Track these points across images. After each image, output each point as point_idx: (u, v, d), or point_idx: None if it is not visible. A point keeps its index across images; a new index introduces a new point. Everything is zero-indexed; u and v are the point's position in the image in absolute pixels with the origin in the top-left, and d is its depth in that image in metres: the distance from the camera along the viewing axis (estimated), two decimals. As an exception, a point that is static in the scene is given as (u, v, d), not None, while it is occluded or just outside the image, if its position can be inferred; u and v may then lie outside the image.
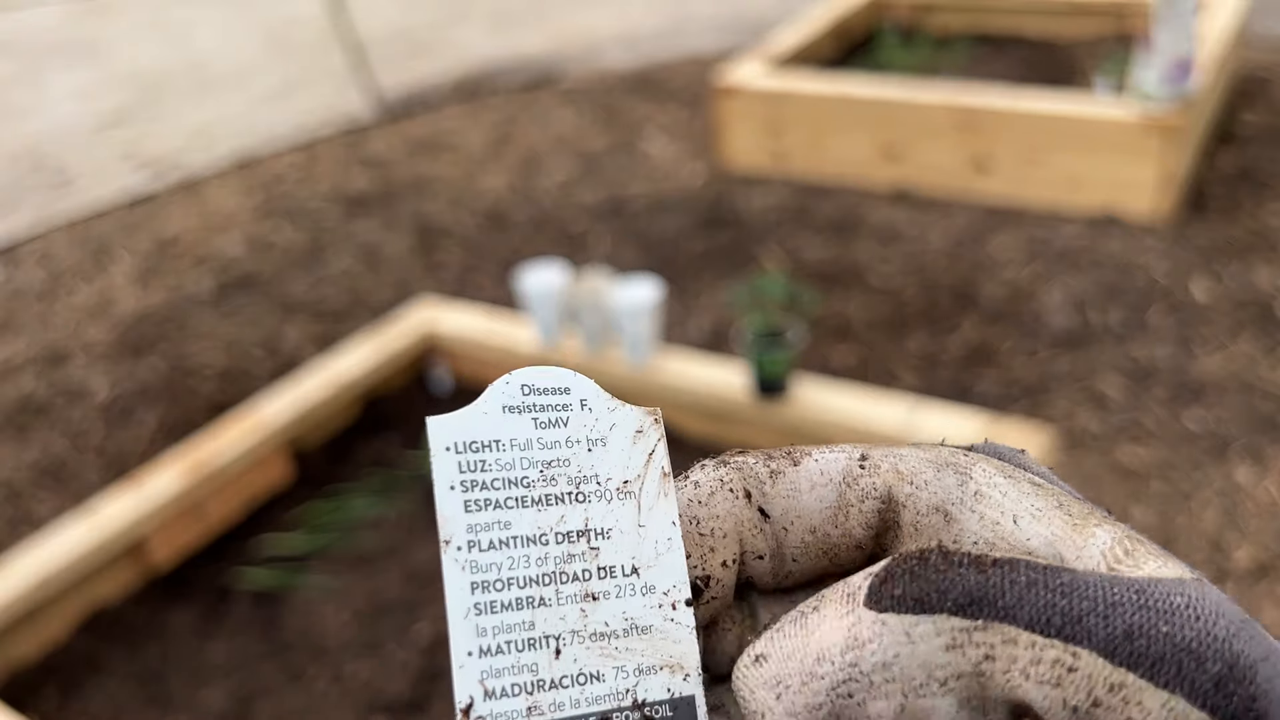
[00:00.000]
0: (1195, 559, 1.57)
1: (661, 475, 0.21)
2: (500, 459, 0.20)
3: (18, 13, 6.01)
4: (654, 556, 0.20)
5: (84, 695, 1.41)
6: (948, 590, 0.17)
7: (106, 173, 3.56)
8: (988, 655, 0.17)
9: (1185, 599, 0.17)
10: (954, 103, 2.61)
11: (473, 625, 0.19)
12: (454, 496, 0.19)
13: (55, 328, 2.49)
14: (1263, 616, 1.45)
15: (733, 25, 4.54)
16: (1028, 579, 0.17)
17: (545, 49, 4.45)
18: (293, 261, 2.70)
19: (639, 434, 0.21)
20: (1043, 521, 0.19)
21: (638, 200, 2.86)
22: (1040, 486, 0.20)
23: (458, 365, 1.95)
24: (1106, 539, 0.18)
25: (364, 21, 5.19)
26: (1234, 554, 1.57)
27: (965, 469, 0.20)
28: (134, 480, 1.60)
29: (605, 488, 0.21)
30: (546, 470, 0.20)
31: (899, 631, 0.17)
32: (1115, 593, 0.17)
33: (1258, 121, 2.95)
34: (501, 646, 0.19)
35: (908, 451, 0.21)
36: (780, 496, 0.21)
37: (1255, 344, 2.02)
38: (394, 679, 1.34)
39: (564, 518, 0.20)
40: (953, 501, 0.20)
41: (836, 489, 0.21)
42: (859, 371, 2.07)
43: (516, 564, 0.19)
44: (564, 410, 0.21)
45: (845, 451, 0.21)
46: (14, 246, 3.01)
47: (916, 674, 0.17)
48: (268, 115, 3.96)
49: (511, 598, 0.19)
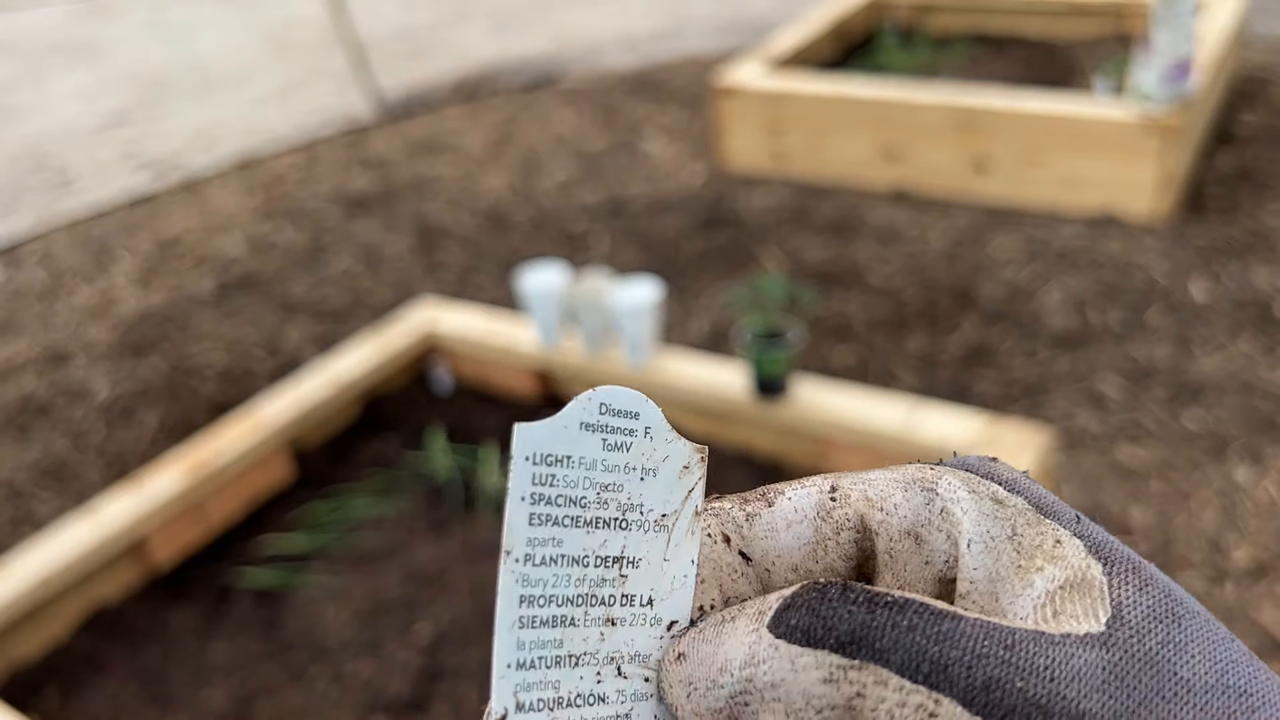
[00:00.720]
0: (1194, 559, 1.57)
1: (694, 514, 0.22)
2: (568, 476, 0.20)
3: (19, 13, 6.01)
4: (669, 590, 0.21)
5: (85, 694, 1.42)
6: (834, 627, 0.19)
7: (107, 173, 3.56)
8: (859, 693, 0.18)
9: (1049, 659, 0.18)
10: (953, 103, 2.61)
11: (515, 638, 0.19)
12: (522, 508, 0.20)
13: (56, 328, 2.50)
14: (1262, 616, 1.46)
15: (732, 26, 4.55)
16: (909, 623, 0.18)
17: (545, 50, 4.45)
18: (293, 262, 2.70)
19: (685, 470, 0.22)
20: (991, 553, 0.20)
21: (638, 201, 2.87)
22: (1001, 505, 0.21)
23: (458, 365, 1.95)
24: (1043, 587, 0.20)
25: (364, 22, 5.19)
26: (1233, 554, 1.57)
27: (931, 484, 0.21)
28: (135, 480, 1.61)
29: (646, 518, 0.21)
30: (603, 493, 0.21)
31: (786, 659, 0.19)
32: (985, 645, 0.18)
33: (1257, 122, 2.96)
34: (534, 661, 0.20)
35: (875, 475, 0.22)
36: (759, 538, 0.22)
37: (1254, 344, 2.02)
38: (394, 678, 1.34)
39: (606, 542, 0.21)
40: (922, 523, 0.21)
41: (812, 525, 0.22)
42: (859, 372, 2.08)
43: (559, 582, 0.20)
44: (630, 435, 0.21)
45: (816, 485, 0.22)
46: (15, 246, 3.01)
47: (797, 699, 0.18)
48: (268, 116, 3.96)
49: (549, 615, 0.20)
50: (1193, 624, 0.19)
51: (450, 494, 1.70)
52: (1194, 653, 0.19)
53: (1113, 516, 1.67)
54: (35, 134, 4.01)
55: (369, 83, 4.09)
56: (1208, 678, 0.18)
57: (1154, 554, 1.59)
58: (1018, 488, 0.21)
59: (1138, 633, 0.19)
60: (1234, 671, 0.19)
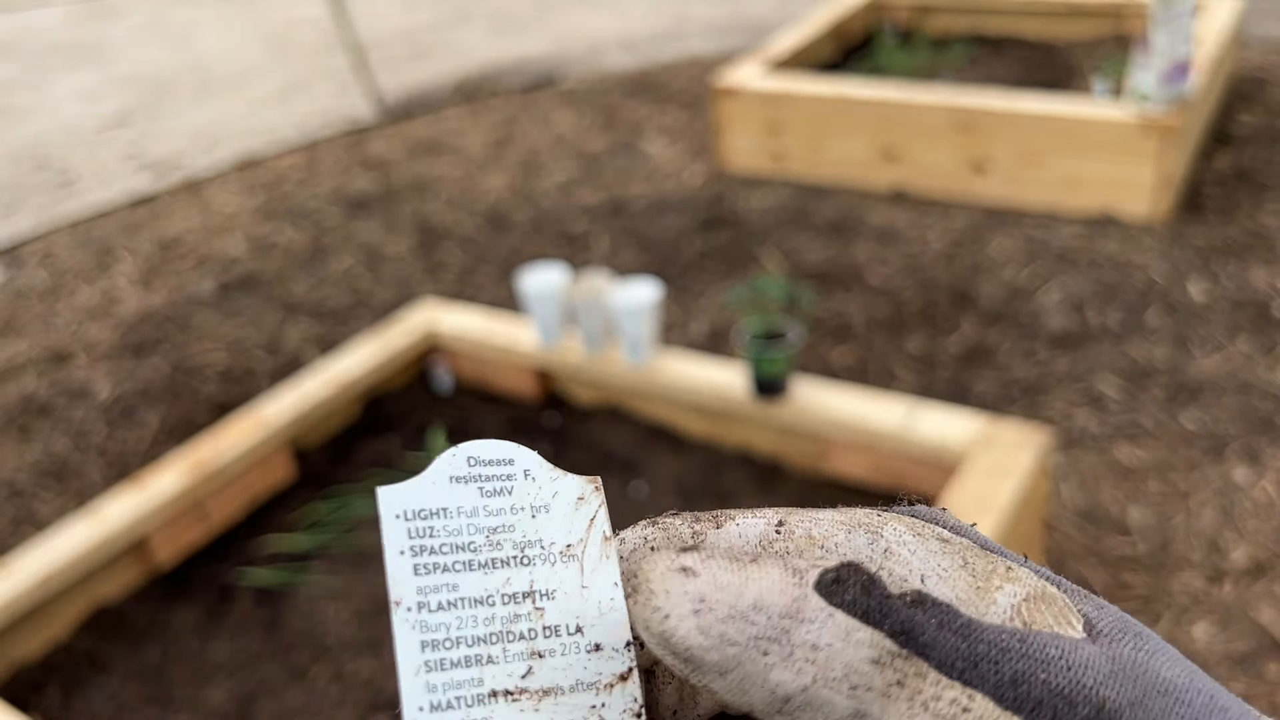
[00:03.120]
0: (1193, 558, 1.58)
1: (603, 539, 0.22)
2: (447, 525, 0.21)
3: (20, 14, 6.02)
4: (598, 616, 0.21)
5: (86, 694, 1.42)
6: (888, 614, 0.19)
7: (108, 173, 3.57)
8: (899, 682, 0.18)
9: (1059, 650, 0.19)
10: (952, 104, 2.62)
11: (423, 682, 0.20)
12: (404, 561, 0.20)
13: (57, 328, 2.50)
14: (1260, 615, 1.47)
15: (732, 27, 4.55)
16: (942, 620, 0.19)
17: (545, 51, 4.46)
18: (294, 262, 2.71)
19: (581, 501, 0.22)
20: (948, 583, 0.20)
21: (638, 201, 2.87)
22: (947, 543, 0.21)
23: (458, 365, 1.96)
24: (1007, 603, 0.20)
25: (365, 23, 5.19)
26: (1231, 554, 1.58)
27: (876, 528, 0.21)
28: (136, 480, 1.61)
29: (549, 551, 0.22)
30: (493, 535, 0.21)
31: (841, 629, 0.19)
32: (1005, 641, 0.19)
33: (1254, 123, 2.96)
34: (452, 702, 0.20)
35: (824, 515, 0.22)
36: None
37: (1252, 344, 2.03)
38: (394, 678, 1.34)
39: (509, 580, 0.21)
40: (863, 560, 0.21)
41: (751, 553, 0.22)
42: (858, 372, 2.08)
43: (464, 623, 0.20)
44: (509, 480, 0.22)
45: (766, 517, 0.22)
46: (16, 247, 3.02)
47: (836, 669, 0.18)
48: (269, 116, 3.97)
49: (460, 655, 0.20)
50: (1152, 637, 0.20)
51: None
52: (1164, 659, 0.20)
53: (1111, 516, 1.67)
54: (37, 134, 4.02)
55: (369, 83, 4.10)
56: (1182, 680, 0.19)
57: (1152, 554, 1.60)
58: (963, 532, 0.22)
59: (1114, 639, 0.20)
60: (1200, 678, 0.20)
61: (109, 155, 3.74)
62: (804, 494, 1.61)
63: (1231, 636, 1.45)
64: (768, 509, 0.23)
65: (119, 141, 3.87)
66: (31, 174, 3.64)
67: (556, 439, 1.79)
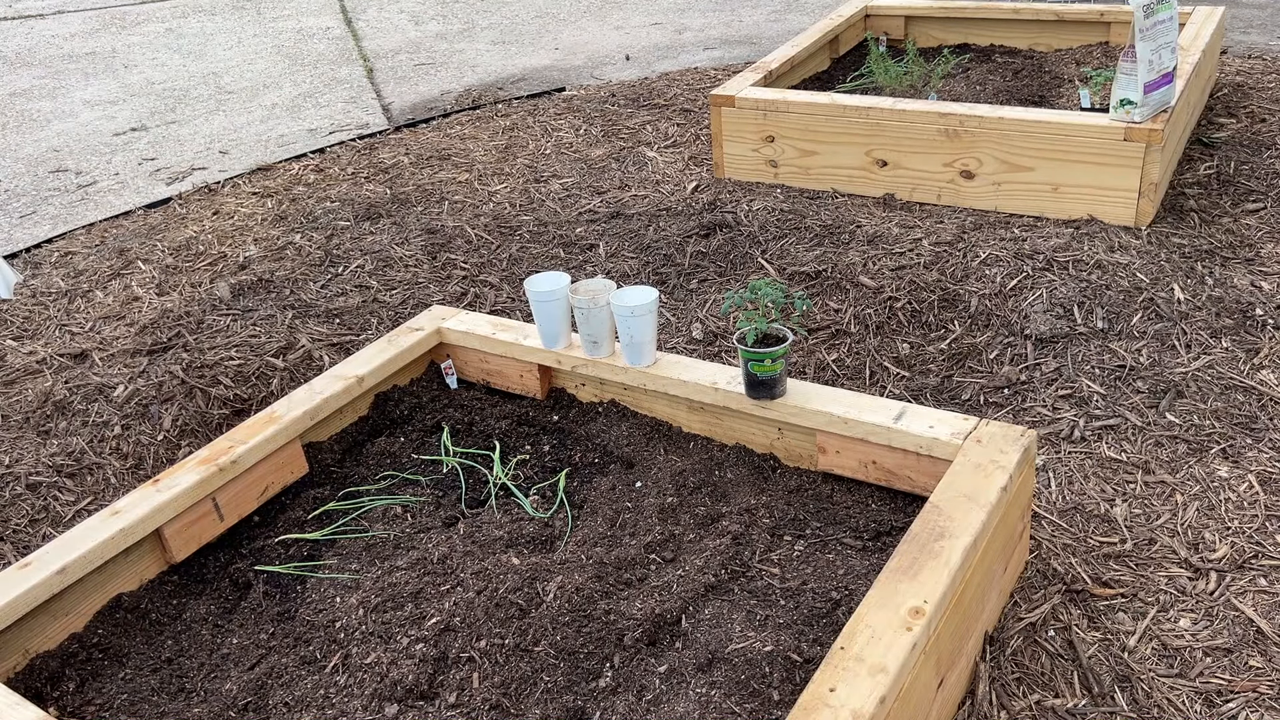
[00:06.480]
0: (1177, 554, 1.59)
1: None
2: None
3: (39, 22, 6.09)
4: None
5: (103, 684, 1.42)
6: None
7: (125, 179, 3.62)
8: None
9: None
10: (942, 113, 2.66)
11: None
12: None
13: (75, 329, 2.53)
14: (1244, 609, 1.48)
15: (728, 39, 4.60)
16: None
17: (549, 62, 4.51)
18: (306, 266, 2.74)
19: None
20: None
21: (637, 207, 2.91)
22: None
23: (465, 366, 2.00)
24: None
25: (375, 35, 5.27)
26: (1215, 550, 1.60)
27: None
28: (152, 476, 1.63)
29: None
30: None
31: None
32: None
33: (1236, 128, 2.98)
34: None
35: None
36: None
37: (1235, 345, 2.05)
38: (405, 668, 1.35)
39: None
40: None
41: None
42: (850, 373, 2.11)
43: None
44: None
45: None
46: (35, 250, 3.06)
47: None
48: (282, 124, 4.02)
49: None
50: None
51: (459, 489, 1.74)
52: None
53: (1097, 513, 1.69)
54: (55, 140, 4.07)
55: (379, 94, 4.16)
56: None
57: (1138, 549, 1.61)
58: None
59: None
60: None
61: (125, 161, 3.79)
62: (799, 490, 1.65)
63: (1216, 630, 1.46)
64: None
65: (135, 148, 3.92)
66: (50, 179, 3.69)
67: (559, 435, 1.84)
